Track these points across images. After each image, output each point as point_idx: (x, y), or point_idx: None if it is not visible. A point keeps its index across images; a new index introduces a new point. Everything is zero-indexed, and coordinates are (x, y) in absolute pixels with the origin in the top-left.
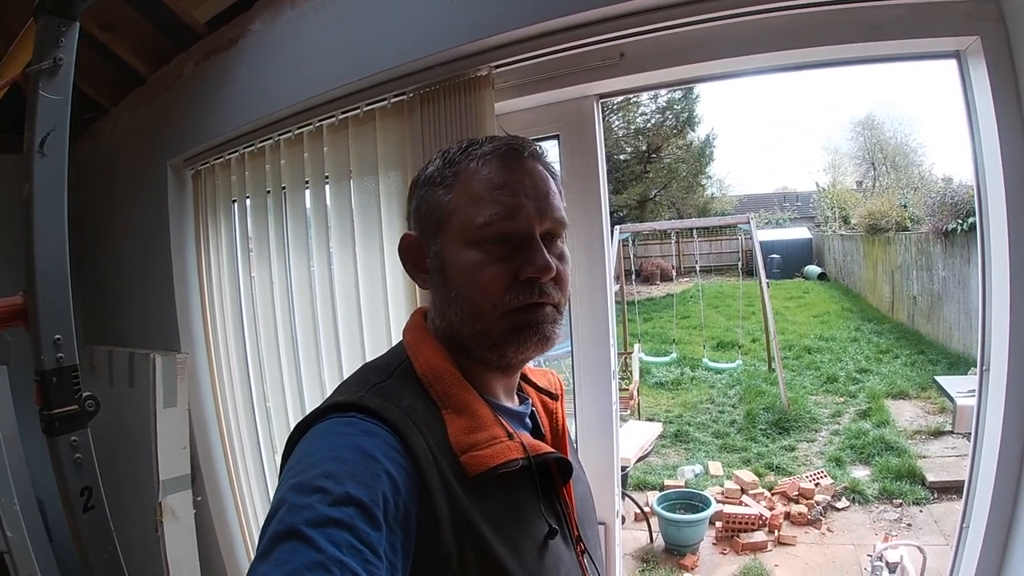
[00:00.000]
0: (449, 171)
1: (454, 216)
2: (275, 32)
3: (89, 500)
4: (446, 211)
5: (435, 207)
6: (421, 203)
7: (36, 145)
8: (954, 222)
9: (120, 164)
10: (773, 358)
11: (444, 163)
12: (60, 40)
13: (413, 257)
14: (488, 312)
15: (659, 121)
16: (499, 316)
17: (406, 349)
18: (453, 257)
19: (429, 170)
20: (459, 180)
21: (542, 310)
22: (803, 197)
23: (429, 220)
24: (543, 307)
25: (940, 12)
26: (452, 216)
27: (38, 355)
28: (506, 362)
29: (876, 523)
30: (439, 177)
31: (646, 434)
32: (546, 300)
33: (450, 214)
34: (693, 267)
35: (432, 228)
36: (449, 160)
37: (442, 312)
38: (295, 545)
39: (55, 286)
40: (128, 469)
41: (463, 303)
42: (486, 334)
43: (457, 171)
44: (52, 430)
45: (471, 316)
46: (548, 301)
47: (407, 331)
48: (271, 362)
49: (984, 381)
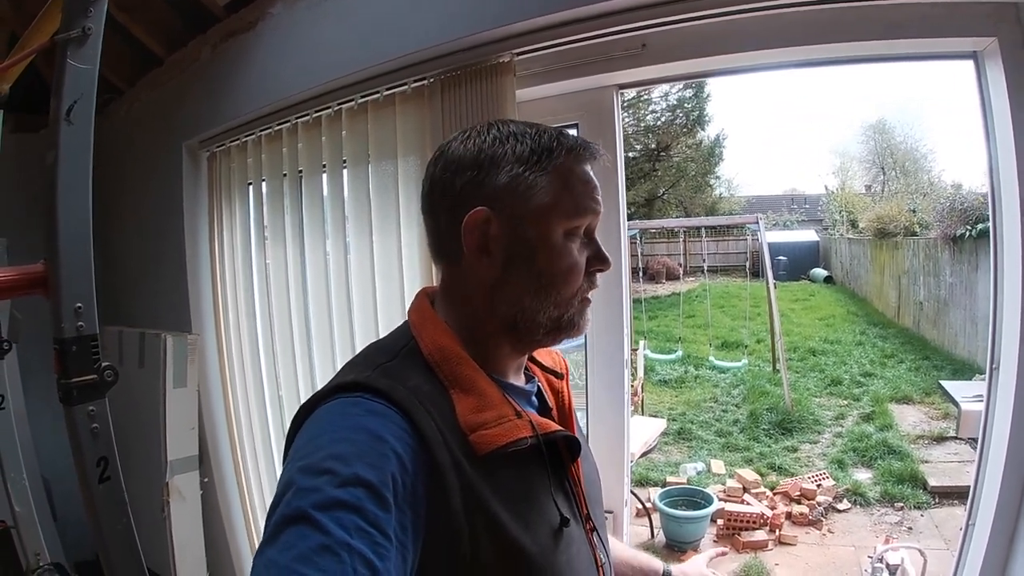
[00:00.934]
0: (547, 158)
1: (557, 204)
2: (295, 15)
3: (105, 471)
4: (548, 197)
5: (537, 191)
6: (516, 182)
7: (63, 113)
8: (963, 228)
9: (135, 145)
10: (778, 359)
11: (541, 147)
12: (89, 10)
13: (480, 235)
14: (570, 300)
15: (669, 119)
16: (576, 303)
17: (411, 329)
18: (552, 245)
19: (519, 149)
20: (559, 169)
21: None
22: (811, 200)
23: (524, 203)
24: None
25: (960, 12)
26: (554, 203)
27: (58, 323)
28: (548, 345)
29: (877, 526)
30: (538, 161)
31: (650, 430)
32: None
33: (553, 201)
34: (699, 266)
35: (525, 211)
36: (546, 146)
37: (511, 298)
38: (303, 529)
39: (78, 253)
40: (136, 449)
41: (552, 291)
42: (560, 320)
43: (555, 161)
44: (70, 399)
45: (554, 303)
46: None
47: (412, 312)
48: (284, 347)
49: (994, 379)
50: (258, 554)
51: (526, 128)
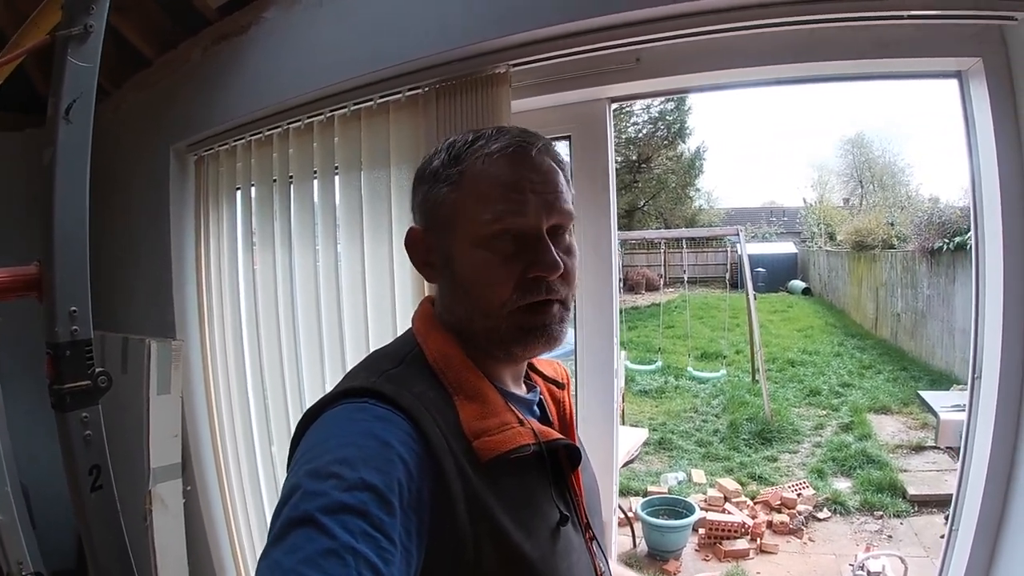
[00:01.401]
0: (455, 168)
1: (461, 214)
2: (289, 20)
3: (97, 479)
4: (453, 209)
5: (441, 204)
6: (427, 199)
7: (62, 112)
8: (940, 241)
9: (121, 147)
10: (757, 370)
11: (449, 158)
12: (91, 7)
13: (419, 251)
14: (496, 310)
15: (651, 131)
16: (507, 314)
17: (415, 336)
18: (461, 255)
19: (434, 164)
20: (465, 177)
21: (550, 309)
22: (790, 212)
23: (436, 217)
24: (551, 305)
25: (946, 32)
26: (459, 214)
27: (52, 327)
28: (512, 359)
29: (857, 534)
30: (444, 173)
31: (632, 439)
32: (553, 297)
33: (457, 212)
34: (679, 278)
35: (439, 225)
36: (455, 155)
37: (450, 307)
38: (308, 532)
39: (74, 256)
40: (118, 456)
41: (471, 301)
42: (494, 331)
43: (463, 169)
44: (63, 405)
45: (480, 314)
46: (555, 298)
47: (416, 319)
48: (270, 355)
49: (976, 388)
50: (263, 556)
51: (457, 138)
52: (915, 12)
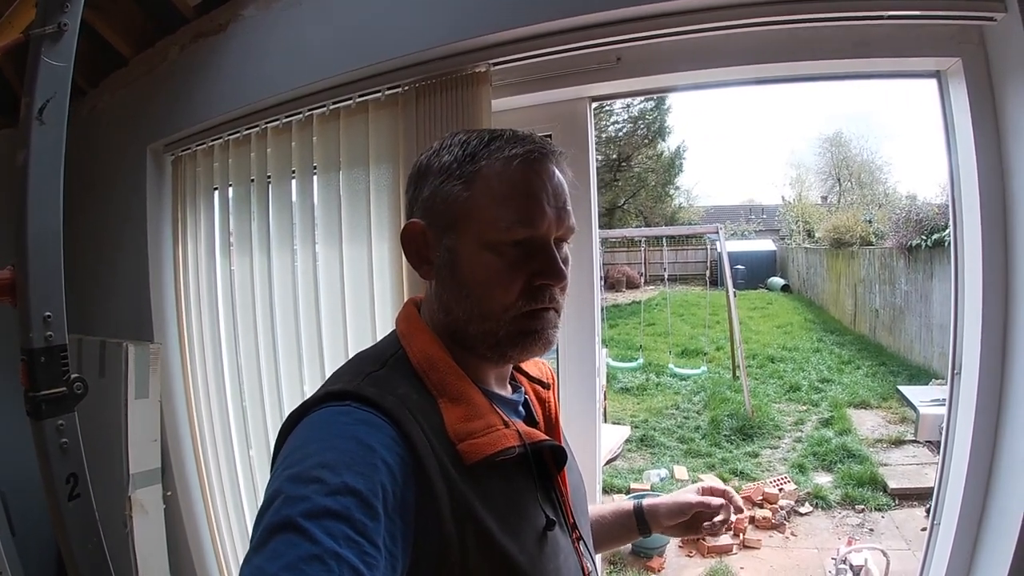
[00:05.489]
0: (470, 166)
1: (474, 214)
2: (268, 18)
3: (75, 488)
4: (465, 208)
5: (452, 201)
6: (435, 194)
7: (35, 112)
8: (918, 238)
9: (97, 147)
10: (737, 366)
11: (464, 155)
12: (66, 5)
13: (418, 246)
14: (498, 314)
15: (631, 130)
16: (509, 319)
17: (399, 338)
18: (467, 255)
19: (445, 159)
20: (481, 177)
21: (547, 315)
22: (769, 210)
23: (443, 213)
24: (548, 312)
25: (925, 33)
26: (471, 214)
27: (26, 333)
28: (504, 361)
29: (839, 528)
30: (458, 170)
31: (615, 437)
32: (552, 305)
33: (469, 212)
34: (659, 275)
35: (446, 222)
36: (470, 153)
37: (446, 306)
38: (291, 537)
39: (48, 260)
40: (96, 461)
41: (473, 302)
42: (492, 334)
43: (479, 168)
44: (39, 413)
45: (480, 316)
46: (554, 306)
47: (400, 321)
48: (248, 357)
49: (955, 384)
50: (245, 562)
51: (471, 135)
52: (895, 12)
